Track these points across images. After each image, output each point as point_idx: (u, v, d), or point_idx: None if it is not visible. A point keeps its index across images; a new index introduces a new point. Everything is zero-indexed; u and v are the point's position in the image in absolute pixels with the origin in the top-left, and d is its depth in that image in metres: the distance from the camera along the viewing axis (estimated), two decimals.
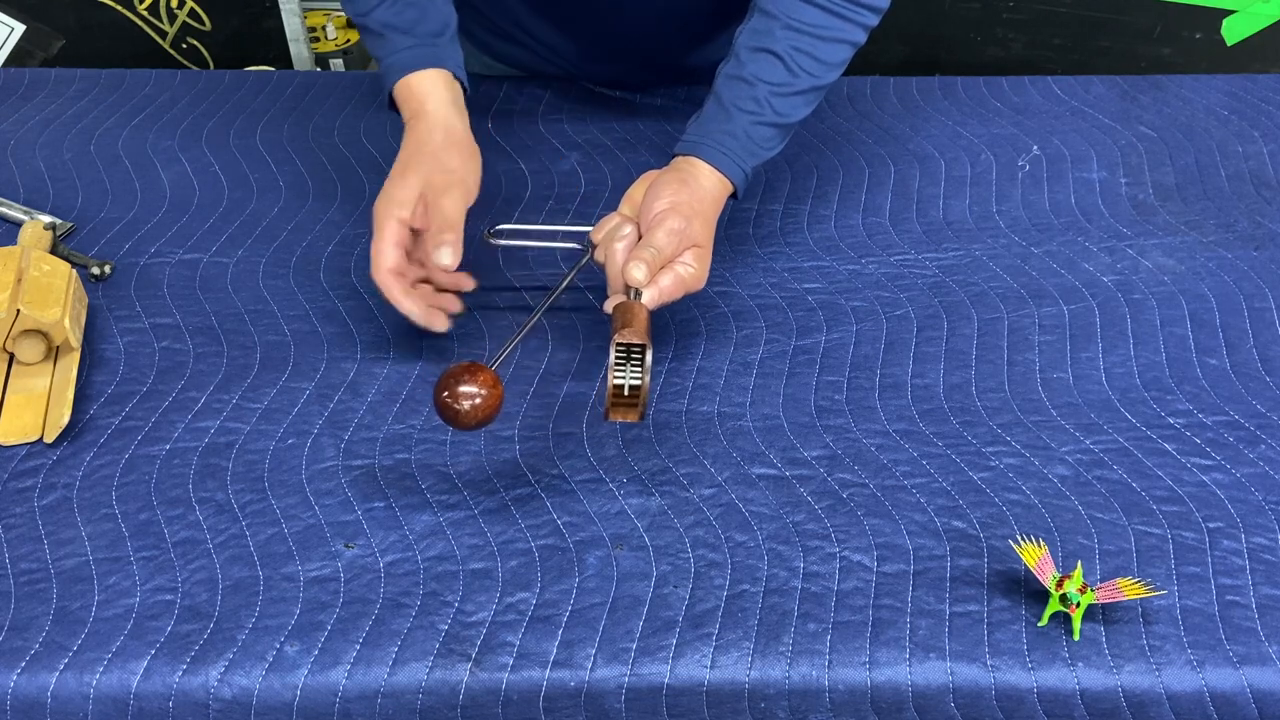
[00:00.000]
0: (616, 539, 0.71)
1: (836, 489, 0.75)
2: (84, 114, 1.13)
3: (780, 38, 0.84)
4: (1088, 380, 0.83)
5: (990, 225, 0.99)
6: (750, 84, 0.84)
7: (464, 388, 0.67)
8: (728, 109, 0.84)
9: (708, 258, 0.80)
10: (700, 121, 0.85)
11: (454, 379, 0.67)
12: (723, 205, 0.84)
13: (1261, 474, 0.76)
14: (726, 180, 0.83)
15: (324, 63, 1.98)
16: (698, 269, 0.79)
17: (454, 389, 0.67)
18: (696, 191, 0.80)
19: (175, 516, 0.72)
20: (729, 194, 0.84)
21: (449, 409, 0.67)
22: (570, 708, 0.65)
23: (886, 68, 1.74)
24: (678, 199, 0.79)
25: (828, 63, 0.86)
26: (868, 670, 0.64)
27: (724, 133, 0.83)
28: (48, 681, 0.63)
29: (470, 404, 0.67)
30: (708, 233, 0.80)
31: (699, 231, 0.79)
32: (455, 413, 0.67)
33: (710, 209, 0.82)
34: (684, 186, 0.80)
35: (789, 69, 0.84)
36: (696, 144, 0.83)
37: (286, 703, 0.63)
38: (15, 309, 0.79)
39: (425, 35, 0.88)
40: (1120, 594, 0.65)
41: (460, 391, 0.67)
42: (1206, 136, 1.11)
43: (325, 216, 0.99)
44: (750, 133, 0.83)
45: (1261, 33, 1.74)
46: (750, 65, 0.84)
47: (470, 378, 0.67)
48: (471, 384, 0.67)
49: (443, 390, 0.67)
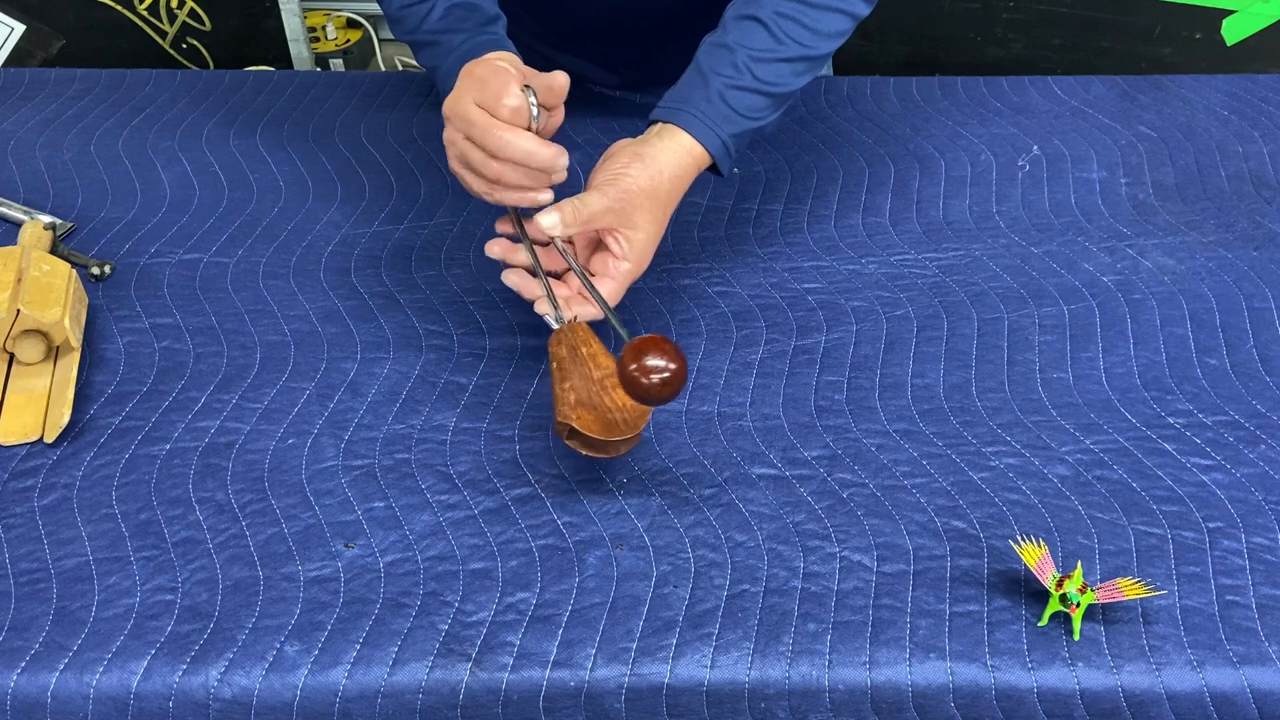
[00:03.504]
0: (616, 539, 0.71)
1: (836, 489, 0.75)
2: (84, 114, 1.13)
3: (766, 4, 0.82)
4: (1088, 380, 0.83)
5: (990, 225, 0.99)
6: (730, 50, 0.82)
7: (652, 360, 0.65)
8: (705, 75, 0.82)
9: (646, 242, 0.78)
10: (677, 88, 0.83)
11: (648, 354, 0.65)
12: (689, 180, 0.81)
13: (1261, 474, 0.76)
14: (700, 148, 0.81)
15: (324, 63, 1.98)
16: (628, 254, 0.77)
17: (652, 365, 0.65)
18: (650, 167, 0.78)
19: (175, 516, 0.72)
20: (704, 165, 0.82)
21: (664, 384, 0.65)
22: (570, 708, 0.65)
23: (886, 68, 1.75)
24: (627, 171, 0.77)
25: (820, 31, 0.83)
26: (868, 670, 0.64)
27: (700, 98, 0.81)
28: (48, 681, 0.63)
29: (660, 377, 0.65)
30: (653, 215, 0.78)
31: (637, 214, 0.77)
32: (649, 386, 0.65)
33: (666, 189, 0.79)
34: (636, 161, 0.78)
35: (773, 35, 0.82)
36: (672, 111, 0.81)
37: (286, 703, 0.63)
38: (15, 309, 0.79)
39: (477, 27, 0.86)
40: (1120, 594, 0.65)
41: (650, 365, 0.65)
42: (1206, 136, 1.12)
43: (325, 216, 1.00)
44: (727, 98, 0.81)
45: (1261, 33, 1.74)
46: (733, 32, 0.82)
47: (659, 351, 0.65)
48: (660, 357, 0.65)
49: (650, 372, 0.65)
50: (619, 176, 0.78)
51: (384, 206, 1.00)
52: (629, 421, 0.70)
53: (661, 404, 0.67)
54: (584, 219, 0.75)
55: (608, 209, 0.76)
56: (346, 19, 2.07)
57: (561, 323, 0.75)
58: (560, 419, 0.70)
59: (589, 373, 0.72)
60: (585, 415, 0.69)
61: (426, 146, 1.09)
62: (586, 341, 0.74)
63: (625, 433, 0.70)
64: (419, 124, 1.12)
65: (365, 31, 2.07)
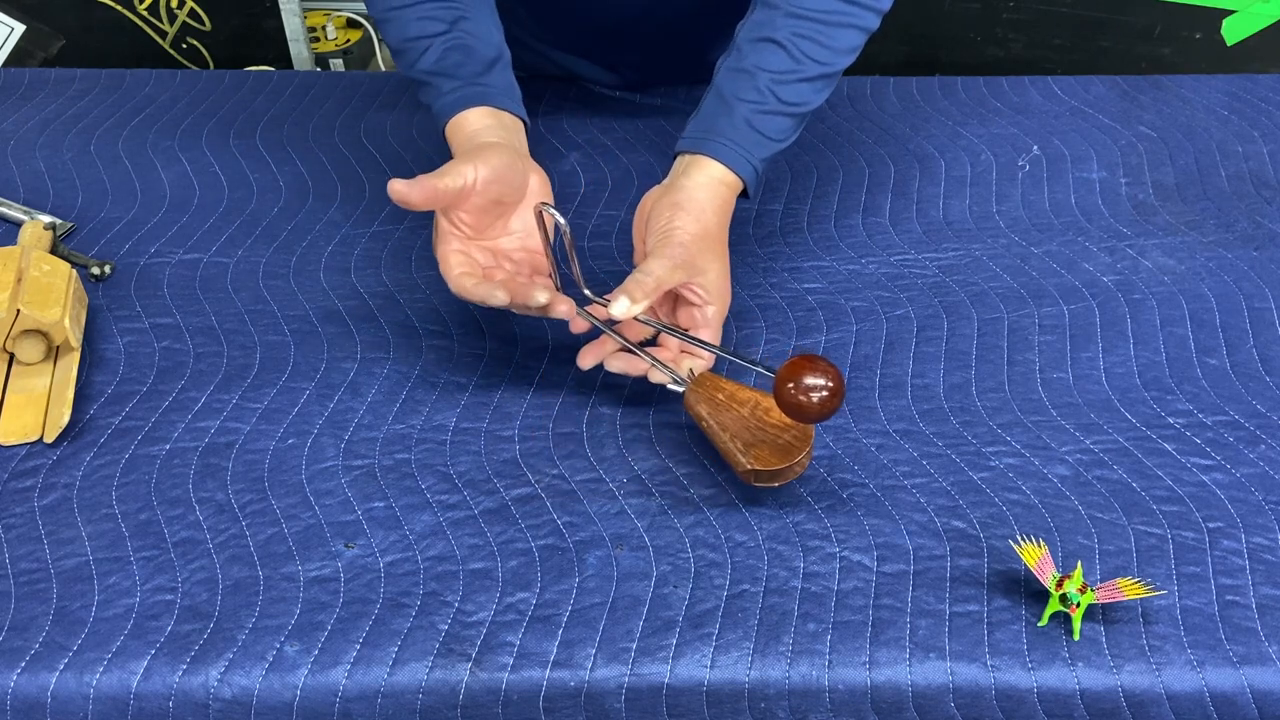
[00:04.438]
0: (616, 539, 0.71)
1: (836, 489, 0.75)
2: (84, 114, 1.13)
3: (781, 25, 0.82)
4: (1088, 380, 0.83)
5: (990, 225, 0.99)
6: (751, 74, 0.81)
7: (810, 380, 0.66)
8: (728, 101, 0.81)
9: (719, 279, 0.78)
10: (700, 117, 0.83)
11: (807, 374, 0.66)
12: (730, 207, 0.81)
13: (1261, 474, 0.76)
14: (733, 175, 0.81)
15: (324, 63, 1.98)
16: (709, 297, 0.77)
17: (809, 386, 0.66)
18: (692, 211, 0.78)
19: (175, 516, 0.72)
20: (738, 193, 0.82)
21: (819, 404, 0.66)
22: (570, 708, 0.65)
23: (886, 68, 1.75)
24: (674, 225, 0.77)
25: (836, 49, 0.83)
26: (868, 670, 0.64)
27: (728, 125, 0.81)
28: (48, 681, 0.63)
29: (819, 396, 0.66)
30: (714, 252, 0.78)
31: (699, 260, 0.76)
32: (808, 406, 0.66)
33: (715, 224, 0.79)
34: (679, 212, 0.77)
35: (791, 56, 0.82)
36: (699, 140, 0.81)
37: (286, 703, 0.63)
38: (15, 309, 0.79)
39: (469, 76, 0.84)
40: (1120, 594, 0.65)
41: (808, 385, 0.66)
42: (1206, 136, 1.12)
43: (325, 216, 1.00)
44: (754, 123, 0.81)
45: (1261, 33, 1.74)
46: (751, 56, 0.82)
47: (812, 370, 0.66)
48: (818, 376, 0.66)
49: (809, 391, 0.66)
50: (669, 233, 0.76)
51: (384, 206, 1.00)
52: (799, 436, 0.71)
53: (827, 419, 0.67)
54: (651, 289, 0.73)
55: (672, 269, 0.75)
56: (346, 19, 2.07)
57: (683, 383, 0.75)
58: (742, 471, 0.70)
59: (738, 412, 0.72)
60: (761, 452, 0.70)
61: (426, 146, 1.09)
62: (718, 387, 0.74)
63: (801, 448, 0.70)
64: (419, 124, 1.12)
65: (365, 31, 2.07)
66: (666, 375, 0.75)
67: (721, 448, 0.72)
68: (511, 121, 0.84)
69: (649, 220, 0.79)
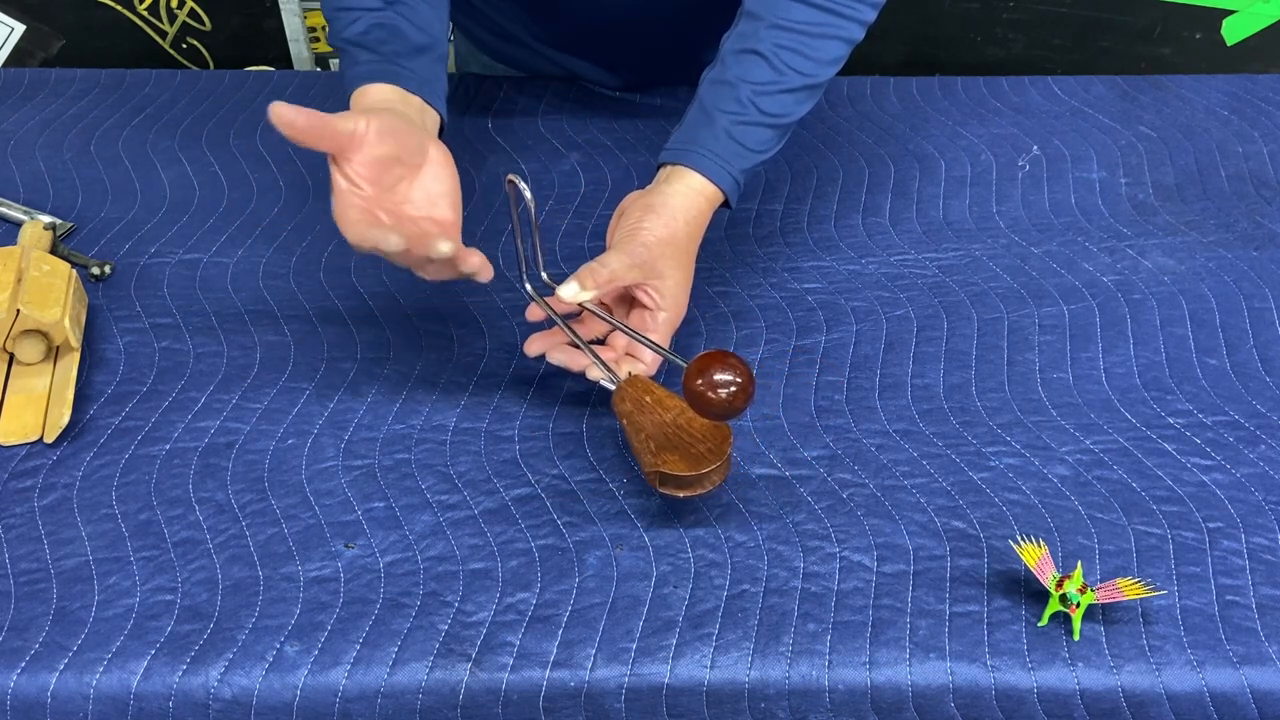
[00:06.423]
0: (616, 539, 0.71)
1: (836, 489, 0.75)
2: (84, 114, 1.13)
3: (764, 37, 0.82)
4: (1088, 380, 0.83)
5: (990, 225, 0.99)
6: (733, 85, 0.82)
7: (720, 375, 0.65)
8: (709, 113, 0.82)
9: (676, 288, 0.78)
10: (682, 128, 0.83)
11: (710, 370, 0.65)
12: (705, 220, 0.81)
13: (1261, 474, 0.76)
14: (712, 187, 0.81)
15: (324, 63, 1.98)
16: (664, 303, 0.77)
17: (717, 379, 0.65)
18: (663, 215, 0.78)
19: (175, 516, 0.72)
20: (718, 203, 0.82)
21: (728, 400, 0.65)
22: (570, 708, 0.65)
23: (886, 68, 1.75)
24: (641, 225, 0.77)
25: (819, 60, 0.83)
26: (868, 670, 0.64)
27: (708, 136, 0.81)
28: (48, 681, 0.63)
29: (727, 391, 0.65)
30: (677, 261, 0.78)
31: (660, 263, 0.77)
32: (714, 401, 0.66)
33: (684, 233, 0.79)
34: (650, 213, 0.78)
35: (774, 67, 0.82)
36: (680, 151, 0.81)
37: (286, 703, 0.63)
38: (15, 309, 0.79)
39: (390, 54, 0.82)
40: (1120, 594, 0.65)
41: (717, 380, 0.65)
42: (1206, 136, 1.12)
43: (325, 216, 0.99)
44: (735, 134, 0.81)
45: (1261, 33, 1.74)
46: (734, 68, 0.82)
47: (721, 365, 0.66)
48: (725, 370, 0.65)
49: (715, 386, 0.65)
50: (634, 232, 0.77)
51: None
52: (713, 449, 0.70)
53: (735, 417, 0.66)
54: (604, 280, 0.74)
55: (629, 266, 0.75)
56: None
57: (617, 382, 0.75)
58: (649, 470, 0.69)
59: (659, 417, 0.72)
60: (669, 457, 0.69)
61: None
62: (648, 390, 0.74)
63: (713, 461, 0.69)
64: None
65: None
66: (603, 373, 0.76)
67: (635, 447, 0.71)
68: (420, 106, 0.80)
69: (621, 217, 0.80)
